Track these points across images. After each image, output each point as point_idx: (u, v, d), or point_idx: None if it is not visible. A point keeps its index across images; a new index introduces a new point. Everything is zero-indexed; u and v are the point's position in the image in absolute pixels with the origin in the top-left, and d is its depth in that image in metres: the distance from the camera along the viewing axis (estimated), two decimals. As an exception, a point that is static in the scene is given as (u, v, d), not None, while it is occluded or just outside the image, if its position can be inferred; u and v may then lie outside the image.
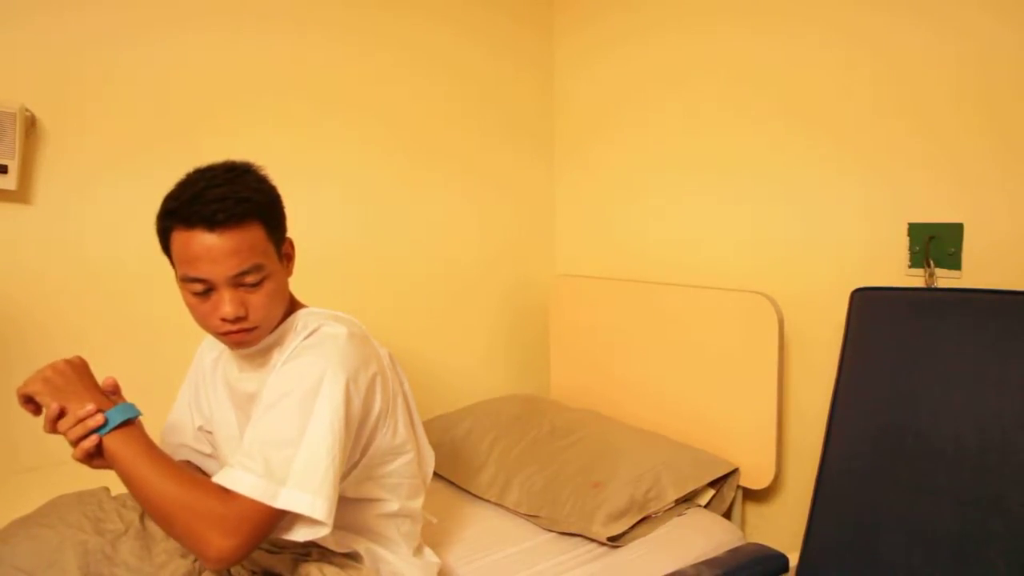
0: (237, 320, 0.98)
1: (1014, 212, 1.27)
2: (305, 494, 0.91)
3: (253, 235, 0.98)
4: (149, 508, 0.91)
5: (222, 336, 1.02)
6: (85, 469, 0.95)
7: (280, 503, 0.90)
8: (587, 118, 2.18)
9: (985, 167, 1.30)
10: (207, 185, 0.96)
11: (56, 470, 1.37)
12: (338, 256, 1.88)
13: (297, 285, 1.18)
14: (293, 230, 1.12)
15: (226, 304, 0.97)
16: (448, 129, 2.07)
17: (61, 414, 0.91)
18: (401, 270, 2.01)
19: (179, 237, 0.96)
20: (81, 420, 0.90)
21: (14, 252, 1.48)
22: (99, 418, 0.91)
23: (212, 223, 0.94)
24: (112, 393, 0.98)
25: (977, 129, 1.31)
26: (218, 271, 0.96)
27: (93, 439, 0.90)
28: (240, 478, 0.90)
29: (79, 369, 0.97)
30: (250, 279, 0.98)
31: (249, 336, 1.02)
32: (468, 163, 2.12)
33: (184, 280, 0.98)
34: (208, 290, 0.97)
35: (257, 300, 0.99)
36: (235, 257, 0.95)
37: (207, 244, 0.95)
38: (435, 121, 2.04)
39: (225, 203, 0.94)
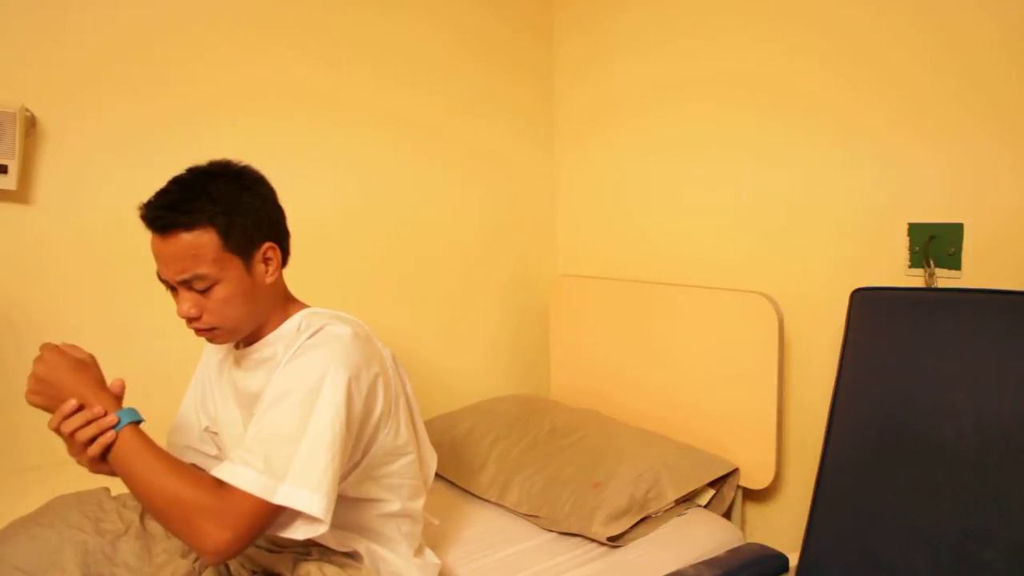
0: (191, 320, 1.02)
1: (1014, 212, 1.27)
2: (303, 490, 0.91)
3: (200, 243, 0.99)
4: (146, 503, 0.91)
5: (193, 332, 1.05)
6: (85, 470, 0.95)
7: (278, 499, 0.90)
8: (587, 120, 2.18)
9: (985, 167, 1.30)
10: (165, 190, 1.01)
11: (57, 470, 1.37)
12: (339, 255, 1.89)
13: (300, 285, 1.18)
14: (294, 230, 1.12)
15: (180, 303, 1.02)
16: (450, 131, 2.07)
17: (77, 410, 0.91)
18: (402, 271, 2.01)
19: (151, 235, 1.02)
20: (93, 420, 0.91)
21: (14, 252, 1.48)
22: (112, 418, 0.91)
23: (156, 228, 0.99)
24: (116, 398, 0.97)
25: (977, 129, 1.31)
26: (167, 274, 1.01)
27: (110, 435, 0.91)
28: (239, 472, 0.90)
29: (59, 371, 0.95)
30: (196, 285, 1.00)
31: (211, 335, 1.05)
32: (469, 163, 2.12)
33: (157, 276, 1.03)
34: (172, 287, 1.02)
35: (210, 304, 1.02)
36: (177, 263, 0.99)
37: (157, 247, 1.00)
38: (437, 124, 2.04)
39: (167, 210, 0.98)
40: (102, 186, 1.56)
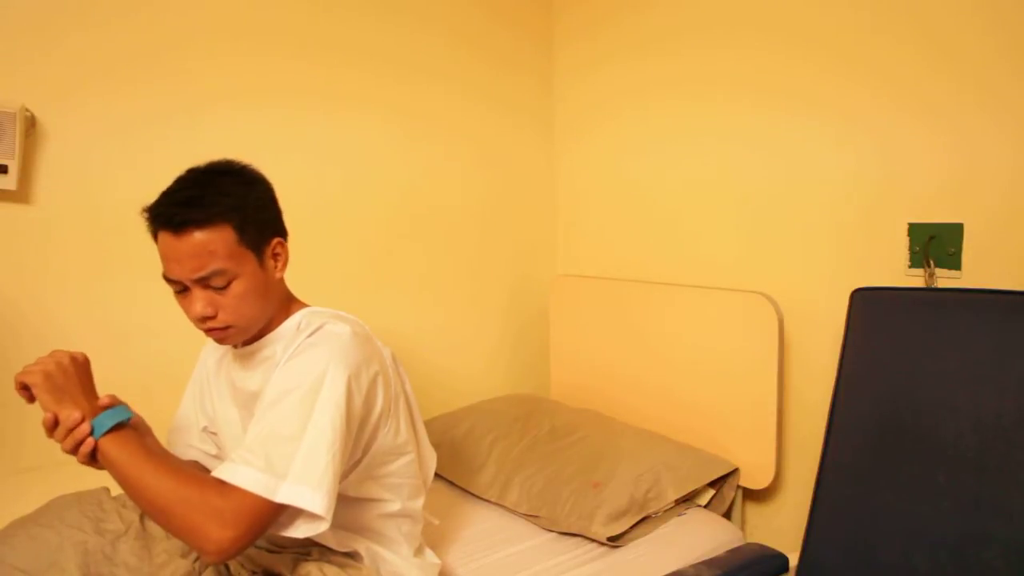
0: (206, 319, 1.01)
1: (1014, 212, 1.27)
2: (305, 488, 0.91)
3: (218, 239, 0.98)
4: (146, 505, 0.91)
5: (204, 332, 1.04)
6: (85, 469, 0.95)
7: (280, 497, 0.90)
8: (587, 122, 2.18)
9: (986, 167, 1.30)
10: (178, 187, 1.00)
11: (56, 470, 1.36)
12: (339, 254, 1.89)
13: (299, 284, 1.18)
14: (293, 228, 1.12)
15: (194, 303, 1.00)
16: (451, 133, 2.07)
17: (55, 424, 0.92)
18: (402, 271, 2.01)
19: (158, 237, 1.00)
20: (69, 431, 0.91)
21: (14, 252, 1.48)
22: (85, 428, 0.91)
23: (173, 225, 0.97)
24: (102, 408, 0.97)
25: (979, 129, 1.31)
26: (182, 272, 0.99)
27: (89, 444, 0.91)
28: (241, 472, 0.90)
29: (81, 368, 0.97)
30: (215, 282, 0.99)
31: (225, 334, 1.04)
32: (470, 164, 2.12)
33: (164, 278, 1.01)
34: (184, 288, 1.00)
35: (226, 301, 1.01)
36: (196, 260, 0.98)
37: (171, 246, 0.98)
38: (438, 126, 2.04)
39: (186, 207, 0.97)
40: (102, 186, 1.55)
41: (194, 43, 1.64)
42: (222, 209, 0.98)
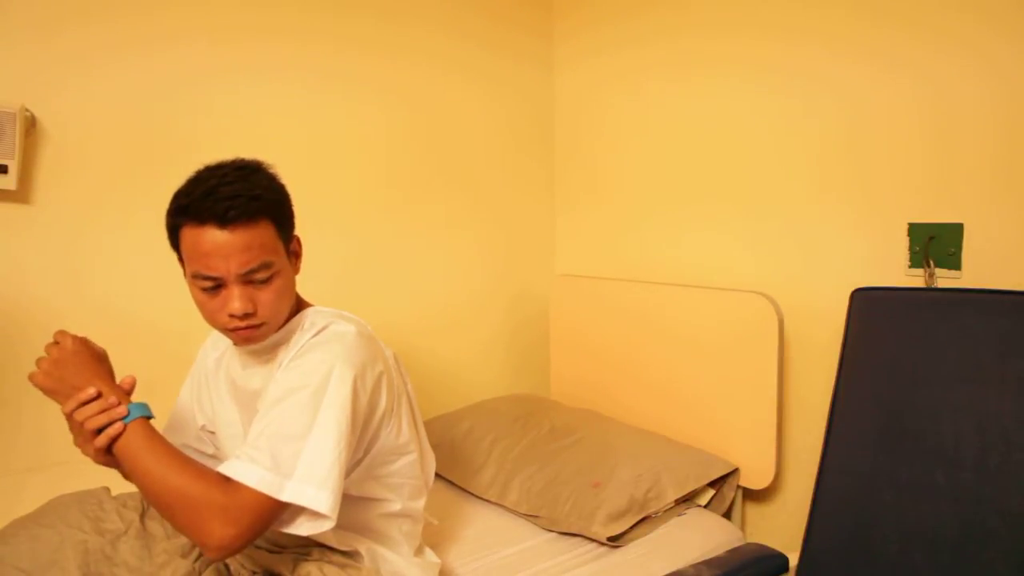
0: (246, 316, 0.99)
1: (1014, 212, 1.27)
2: (310, 487, 0.92)
3: (263, 233, 0.99)
4: (151, 497, 0.92)
5: (230, 332, 1.02)
6: (85, 469, 0.95)
7: (285, 496, 0.91)
8: (587, 120, 2.18)
9: (985, 167, 1.30)
10: (219, 183, 0.97)
11: (56, 470, 1.37)
12: (338, 255, 1.89)
13: (305, 286, 1.18)
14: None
15: (235, 300, 0.98)
16: (451, 133, 2.07)
17: (96, 397, 0.93)
18: (402, 271, 2.01)
19: (189, 234, 0.97)
20: (104, 410, 0.92)
21: (14, 252, 1.48)
22: (122, 410, 0.93)
23: (224, 220, 0.95)
24: (126, 393, 0.98)
25: (978, 128, 1.31)
26: (229, 268, 0.97)
27: (119, 427, 0.92)
28: (246, 470, 0.91)
29: (74, 355, 0.97)
30: (260, 276, 0.99)
31: (257, 332, 1.02)
32: (469, 163, 2.12)
33: (194, 276, 0.99)
34: (217, 286, 0.98)
35: (266, 297, 1.00)
36: (246, 254, 0.97)
37: (218, 241, 0.96)
38: (439, 126, 2.04)
39: (237, 200, 0.95)
40: (102, 185, 1.55)
41: (196, 39, 1.64)
42: (265, 204, 0.99)
